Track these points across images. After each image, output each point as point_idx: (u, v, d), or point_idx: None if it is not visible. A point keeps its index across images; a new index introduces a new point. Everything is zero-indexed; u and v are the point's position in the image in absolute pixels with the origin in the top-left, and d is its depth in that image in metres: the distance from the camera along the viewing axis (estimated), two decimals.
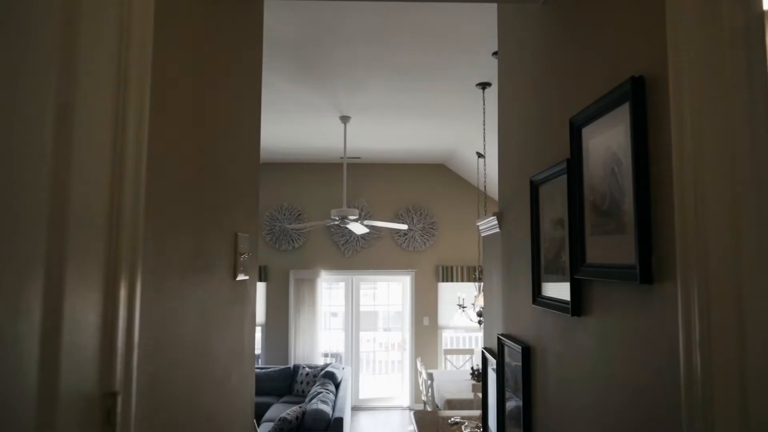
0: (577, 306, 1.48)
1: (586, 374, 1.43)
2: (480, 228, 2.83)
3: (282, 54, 3.97)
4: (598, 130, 1.34)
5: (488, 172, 6.41)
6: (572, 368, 1.53)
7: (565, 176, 1.55)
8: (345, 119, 5.79)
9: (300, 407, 5.64)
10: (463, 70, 4.36)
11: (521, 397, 1.98)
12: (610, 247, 1.26)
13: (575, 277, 1.46)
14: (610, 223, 1.26)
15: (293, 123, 6.03)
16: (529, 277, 1.93)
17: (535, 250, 1.86)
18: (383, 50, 3.90)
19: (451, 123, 6.05)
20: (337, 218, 5.76)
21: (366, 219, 5.82)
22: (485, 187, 5.58)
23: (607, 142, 1.28)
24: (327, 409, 5.68)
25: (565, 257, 1.56)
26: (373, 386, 8.53)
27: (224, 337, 1.34)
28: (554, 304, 1.64)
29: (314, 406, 5.61)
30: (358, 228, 6.20)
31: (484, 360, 2.79)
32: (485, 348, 2.79)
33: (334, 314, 8.60)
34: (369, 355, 8.63)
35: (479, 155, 6.94)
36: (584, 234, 1.42)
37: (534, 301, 1.86)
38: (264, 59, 4.20)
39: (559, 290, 1.63)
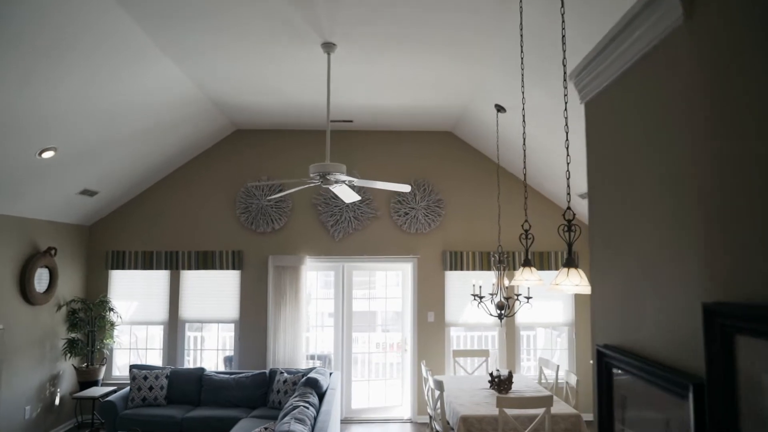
0: None
1: None
2: (578, 80, 1.20)
3: None
4: None
5: (518, 131, 4.78)
6: None
7: None
8: (329, 47, 4.17)
9: (266, 428, 3.99)
10: None
11: None
12: None
13: None
14: None
15: (261, 56, 4.41)
16: None
17: None
18: None
19: (464, 63, 4.42)
20: (317, 176, 4.11)
21: (359, 190, 4.17)
22: (525, 143, 3.93)
23: None
24: (303, 430, 4.03)
25: None
26: (368, 394, 6.84)
27: None
28: None
29: (285, 427, 3.96)
30: (346, 193, 4.57)
31: (605, 371, 1.17)
32: (603, 347, 1.17)
33: (331, 314, 6.91)
34: (363, 356, 6.95)
35: (499, 109, 5.32)
36: None
37: None
38: None
39: None
